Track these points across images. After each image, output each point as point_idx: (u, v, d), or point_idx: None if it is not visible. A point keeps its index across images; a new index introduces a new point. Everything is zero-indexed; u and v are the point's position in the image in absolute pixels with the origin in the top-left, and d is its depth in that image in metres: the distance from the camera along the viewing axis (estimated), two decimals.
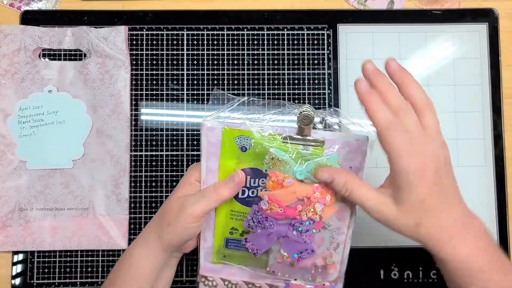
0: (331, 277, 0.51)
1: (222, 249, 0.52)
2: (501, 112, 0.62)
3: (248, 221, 0.49)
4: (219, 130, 0.48)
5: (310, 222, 0.47)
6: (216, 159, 0.49)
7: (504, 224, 0.61)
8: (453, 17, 0.64)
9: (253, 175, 0.48)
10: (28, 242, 0.59)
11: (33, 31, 0.61)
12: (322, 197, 0.47)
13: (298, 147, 0.47)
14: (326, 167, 0.46)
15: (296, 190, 0.47)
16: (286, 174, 0.47)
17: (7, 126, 0.60)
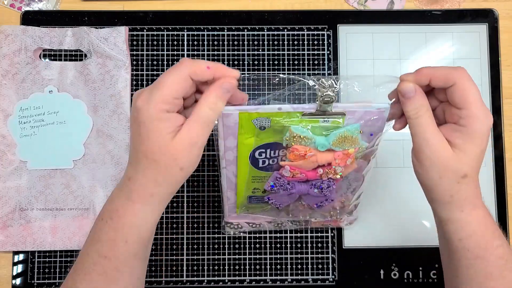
0: (350, 217, 0.57)
1: (245, 205, 0.54)
2: (501, 112, 0.62)
3: (270, 186, 0.50)
4: (235, 115, 0.44)
5: (331, 180, 0.49)
6: (234, 138, 0.46)
7: (504, 224, 0.61)
8: (453, 17, 0.64)
9: (273, 147, 0.47)
10: (29, 242, 0.59)
11: (33, 31, 0.61)
12: (342, 162, 0.47)
13: (319, 120, 0.45)
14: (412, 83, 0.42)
15: (318, 159, 0.46)
16: (308, 147, 0.45)
17: (7, 126, 0.60)
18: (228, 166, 0.49)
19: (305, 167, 0.47)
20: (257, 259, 0.60)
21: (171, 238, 0.60)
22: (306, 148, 0.45)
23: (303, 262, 0.60)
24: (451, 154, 0.40)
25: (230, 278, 0.60)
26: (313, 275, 0.60)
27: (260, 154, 0.48)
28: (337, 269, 0.60)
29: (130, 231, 0.41)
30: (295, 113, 0.44)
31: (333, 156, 0.46)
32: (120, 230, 0.42)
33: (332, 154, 0.46)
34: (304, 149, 0.45)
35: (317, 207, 0.53)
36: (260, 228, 0.59)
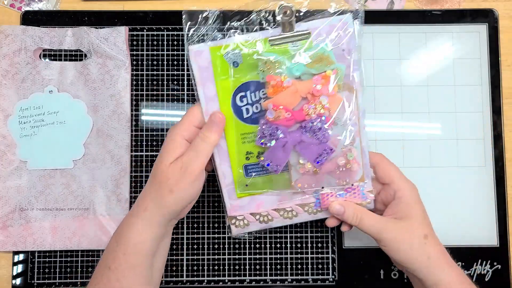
0: (357, 176, 0.50)
1: (243, 179, 0.51)
2: (501, 112, 0.62)
3: (259, 138, 0.48)
4: (207, 52, 0.47)
5: (321, 119, 0.47)
6: (212, 83, 0.48)
7: (504, 224, 0.61)
8: (453, 17, 0.64)
9: (252, 89, 0.48)
10: (29, 242, 0.59)
11: (33, 31, 0.61)
12: (325, 88, 0.47)
13: (287, 46, 0.46)
14: (337, 201, 0.50)
15: (298, 88, 0.46)
16: (283, 74, 0.47)
17: (7, 126, 0.60)
18: None
19: (289, 103, 0.47)
20: (257, 259, 0.60)
21: (171, 238, 0.60)
22: (281, 76, 0.46)
23: (303, 262, 0.60)
24: (404, 228, 0.48)
25: (230, 278, 0.60)
26: (313, 275, 0.60)
27: (241, 99, 0.48)
28: (337, 269, 0.60)
29: (127, 243, 0.46)
30: (263, 41, 0.46)
31: (313, 82, 0.46)
32: (120, 242, 0.47)
33: (311, 81, 0.46)
34: (279, 77, 0.46)
35: (318, 164, 0.49)
36: (269, 224, 0.52)
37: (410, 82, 0.63)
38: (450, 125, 0.62)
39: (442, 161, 0.62)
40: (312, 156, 0.48)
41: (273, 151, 0.49)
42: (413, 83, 0.63)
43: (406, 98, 0.63)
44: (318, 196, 0.51)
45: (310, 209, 0.52)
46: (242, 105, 0.49)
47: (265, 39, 0.47)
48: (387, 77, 0.63)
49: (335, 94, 0.47)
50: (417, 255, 0.48)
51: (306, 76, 0.47)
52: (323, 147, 0.48)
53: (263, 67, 0.46)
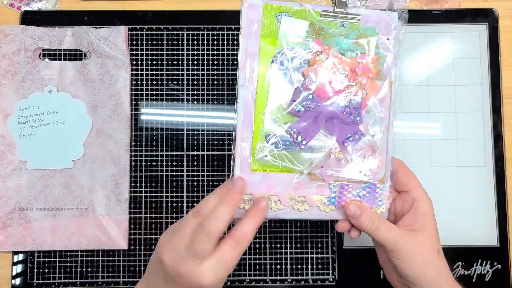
0: (379, 175, 0.48)
1: (263, 150, 0.47)
2: (501, 112, 0.62)
3: (293, 105, 0.46)
4: (260, 7, 0.47)
5: (357, 100, 0.46)
6: (256, 40, 0.47)
7: (504, 224, 0.61)
8: (453, 17, 0.64)
9: (294, 53, 0.47)
10: (28, 242, 0.59)
11: (33, 31, 0.61)
12: (366, 68, 0.47)
13: (337, 23, 0.48)
14: (354, 202, 0.47)
15: (342, 64, 0.47)
16: (331, 45, 0.47)
17: (7, 126, 0.60)
18: (246, 83, 0.47)
19: (329, 75, 0.46)
20: (256, 259, 0.60)
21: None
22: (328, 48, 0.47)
23: (303, 262, 0.60)
24: (418, 240, 0.46)
25: (230, 278, 0.60)
26: (313, 275, 0.60)
27: (282, 63, 0.47)
28: (337, 269, 0.60)
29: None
30: (316, 12, 0.47)
31: (357, 60, 0.47)
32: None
33: (356, 60, 0.47)
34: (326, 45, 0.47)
35: (344, 144, 0.47)
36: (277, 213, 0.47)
37: (410, 82, 0.63)
38: (450, 125, 0.62)
39: (442, 161, 0.62)
40: (341, 136, 0.47)
41: (304, 121, 0.46)
42: (413, 83, 0.63)
43: (406, 98, 0.63)
44: (335, 191, 0.48)
45: (322, 206, 0.48)
46: (282, 68, 0.47)
47: (318, 11, 0.48)
48: None
49: (374, 78, 0.47)
50: (430, 271, 0.45)
51: (350, 53, 0.47)
52: (354, 129, 0.47)
53: (312, 33, 0.47)
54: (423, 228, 0.46)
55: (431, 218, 0.47)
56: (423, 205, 0.47)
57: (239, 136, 0.47)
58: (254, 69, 0.47)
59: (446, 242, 0.60)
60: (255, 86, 0.47)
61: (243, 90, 0.47)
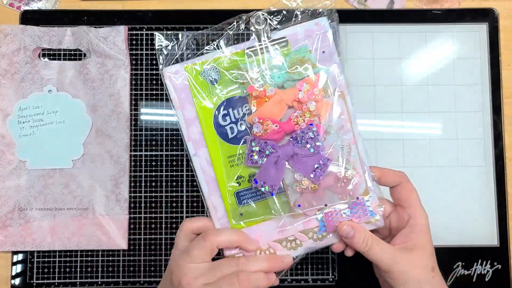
0: (360, 188, 0.46)
1: (236, 208, 0.46)
2: (501, 112, 0.62)
3: (249, 156, 0.45)
4: (182, 72, 0.45)
5: (311, 127, 0.44)
6: (190, 104, 0.45)
7: (504, 224, 0.61)
8: (453, 17, 0.64)
9: (234, 106, 0.45)
10: (28, 242, 0.59)
11: (32, 31, 0.61)
12: (310, 93, 0.44)
13: (265, 56, 0.44)
14: (347, 222, 0.46)
15: (282, 97, 0.44)
16: (265, 84, 0.44)
17: (6, 126, 0.60)
18: (198, 151, 0.46)
19: (275, 114, 0.44)
20: None
21: (171, 238, 0.60)
22: (263, 86, 0.44)
23: (303, 262, 0.60)
24: (416, 256, 0.45)
25: None
26: (313, 275, 0.60)
27: (224, 118, 0.46)
28: (337, 269, 0.60)
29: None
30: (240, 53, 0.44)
31: (297, 88, 0.44)
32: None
33: (295, 89, 0.44)
34: (261, 87, 0.44)
35: (315, 177, 0.45)
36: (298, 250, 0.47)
37: (410, 82, 0.63)
38: (450, 125, 0.62)
39: (442, 161, 0.62)
40: (308, 170, 0.45)
41: (265, 170, 0.44)
42: (413, 83, 0.63)
43: (406, 98, 0.63)
44: (322, 219, 0.46)
45: (315, 235, 0.47)
46: (226, 124, 0.46)
47: (242, 51, 0.45)
48: (387, 77, 0.63)
49: (322, 99, 0.45)
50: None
51: (289, 83, 0.45)
52: (318, 158, 0.44)
53: (243, 79, 0.44)
54: (417, 247, 0.46)
55: (426, 236, 0.46)
56: (418, 223, 0.47)
57: (210, 204, 0.47)
58: (199, 135, 0.46)
59: (446, 242, 0.60)
60: (207, 150, 0.46)
61: (196, 159, 0.46)
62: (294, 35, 0.45)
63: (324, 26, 0.46)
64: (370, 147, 0.62)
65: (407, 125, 0.62)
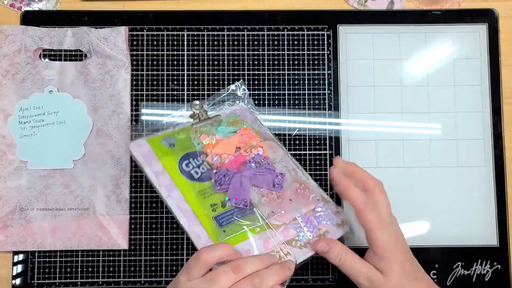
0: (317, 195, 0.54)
1: (217, 230, 0.50)
2: (501, 112, 0.62)
3: (216, 183, 0.52)
4: (145, 143, 0.55)
5: (259, 155, 0.54)
6: (156, 161, 0.53)
7: (504, 224, 0.61)
8: (453, 17, 0.64)
9: (193, 156, 0.54)
10: (29, 242, 0.59)
11: (33, 31, 0.61)
12: (249, 134, 0.56)
13: (208, 125, 0.57)
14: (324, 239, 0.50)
15: (229, 141, 0.55)
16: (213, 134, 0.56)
17: (7, 126, 0.60)
18: (170, 193, 0.52)
19: (227, 151, 0.54)
20: None
21: (171, 238, 0.60)
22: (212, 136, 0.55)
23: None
24: (382, 279, 0.47)
25: None
26: (313, 275, 0.60)
27: (187, 165, 0.54)
28: (337, 269, 0.60)
29: None
30: (189, 127, 0.56)
31: (238, 133, 0.56)
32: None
33: (237, 135, 0.55)
34: (211, 135, 0.55)
35: (276, 187, 0.52)
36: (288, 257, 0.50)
37: (410, 82, 0.63)
38: (450, 125, 0.62)
39: (442, 161, 0.62)
40: (269, 183, 0.52)
41: (234, 188, 0.51)
42: (413, 83, 0.63)
43: (406, 98, 0.63)
44: (298, 226, 0.51)
45: (298, 243, 0.50)
46: (190, 169, 0.53)
47: (189, 126, 0.56)
48: (387, 77, 0.63)
49: (258, 141, 0.55)
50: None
51: (230, 134, 0.56)
52: (274, 174, 0.53)
53: (196, 136, 0.55)
54: (383, 270, 0.47)
55: (391, 260, 0.47)
56: (379, 249, 0.47)
57: (192, 233, 0.51)
58: (169, 181, 0.52)
59: (446, 242, 0.60)
60: (178, 190, 0.52)
61: (170, 199, 0.52)
62: (224, 113, 0.59)
63: (242, 106, 0.60)
64: (370, 147, 0.62)
65: (407, 126, 0.62)
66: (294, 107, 0.62)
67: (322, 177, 0.61)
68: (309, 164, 0.62)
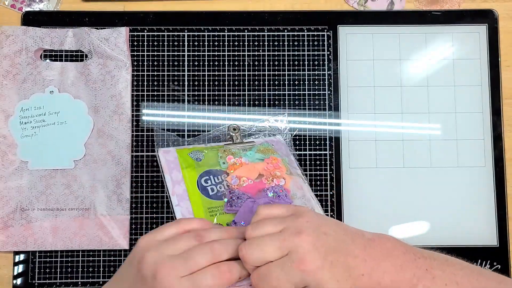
0: None
1: None
2: (501, 113, 0.62)
3: (228, 203, 0.51)
4: (173, 151, 0.55)
5: (279, 186, 0.53)
6: (178, 171, 0.54)
7: (504, 224, 0.61)
8: (452, 18, 0.64)
9: (214, 174, 0.54)
10: (30, 242, 0.59)
11: (34, 32, 0.61)
12: (275, 164, 0.54)
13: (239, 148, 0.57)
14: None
15: (254, 166, 0.54)
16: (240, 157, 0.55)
17: (8, 126, 0.60)
18: (180, 202, 0.52)
19: (249, 175, 0.53)
20: None
21: None
22: (238, 158, 0.54)
23: None
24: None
25: None
26: None
27: (206, 181, 0.53)
28: None
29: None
30: (220, 147, 0.57)
31: (265, 161, 0.54)
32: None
33: (264, 163, 0.54)
34: (236, 157, 0.55)
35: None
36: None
37: (410, 82, 0.63)
38: (450, 125, 0.62)
39: (442, 161, 0.62)
40: None
41: (243, 213, 0.50)
42: (413, 83, 0.63)
43: (406, 98, 0.63)
44: None
45: None
46: (207, 185, 0.53)
47: (221, 145, 0.57)
48: (387, 77, 0.63)
49: (283, 173, 0.54)
50: None
51: (258, 160, 0.55)
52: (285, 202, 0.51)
53: (223, 155, 0.55)
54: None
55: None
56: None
57: None
58: (183, 191, 0.52)
59: (446, 242, 0.60)
60: (189, 202, 0.52)
61: (178, 209, 0.52)
62: (258, 140, 0.59)
63: (280, 139, 0.60)
64: (370, 148, 0.62)
65: (407, 126, 0.62)
66: (294, 107, 0.63)
67: (322, 178, 0.61)
68: (309, 164, 0.62)
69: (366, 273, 0.40)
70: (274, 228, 0.41)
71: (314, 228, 0.40)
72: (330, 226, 0.41)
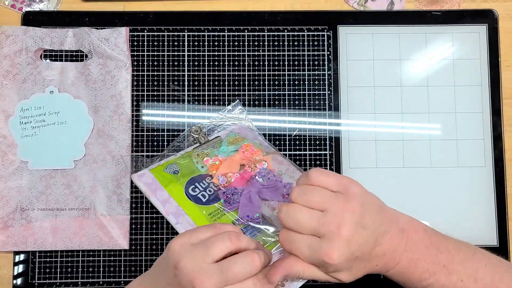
0: None
1: None
2: (501, 113, 0.62)
3: (226, 203, 0.52)
4: (148, 173, 0.55)
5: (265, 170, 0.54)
6: (161, 190, 0.53)
7: (504, 224, 0.61)
8: (452, 18, 0.64)
9: (198, 180, 0.54)
10: (30, 242, 0.59)
11: (34, 32, 0.61)
12: (251, 150, 0.56)
13: (208, 147, 0.57)
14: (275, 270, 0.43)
15: (233, 159, 0.55)
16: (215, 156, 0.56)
17: (8, 126, 0.60)
18: (178, 219, 0.52)
19: (232, 170, 0.54)
20: None
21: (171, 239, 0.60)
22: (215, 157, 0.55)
23: None
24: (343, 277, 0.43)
25: None
26: None
27: (193, 190, 0.54)
28: None
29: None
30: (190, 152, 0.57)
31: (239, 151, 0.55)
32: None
33: (239, 153, 0.55)
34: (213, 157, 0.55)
35: (285, 197, 0.51)
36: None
37: (410, 82, 0.63)
38: (450, 125, 0.62)
39: (442, 161, 0.62)
40: (279, 193, 0.52)
41: (244, 205, 0.51)
42: (413, 83, 0.63)
43: (406, 98, 0.63)
44: None
45: None
46: (197, 193, 0.53)
47: (191, 151, 0.57)
48: (387, 77, 0.63)
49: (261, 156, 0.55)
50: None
51: (232, 153, 0.56)
52: (283, 184, 0.52)
53: (199, 159, 0.55)
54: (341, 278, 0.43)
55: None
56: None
57: None
58: (176, 208, 0.52)
59: None
60: (187, 215, 0.52)
61: (180, 226, 0.52)
62: (223, 134, 0.59)
63: (242, 125, 0.60)
64: (370, 147, 0.62)
65: (407, 126, 0.62)
66: (294, 107, 0.63)
67: None
68: (309, 164, 0.62)
69: (380, 265, 0.43)
70: (318, 204, 0.41)
71: (356, 221, 0.40)
72: (371, 216, 0.42)
